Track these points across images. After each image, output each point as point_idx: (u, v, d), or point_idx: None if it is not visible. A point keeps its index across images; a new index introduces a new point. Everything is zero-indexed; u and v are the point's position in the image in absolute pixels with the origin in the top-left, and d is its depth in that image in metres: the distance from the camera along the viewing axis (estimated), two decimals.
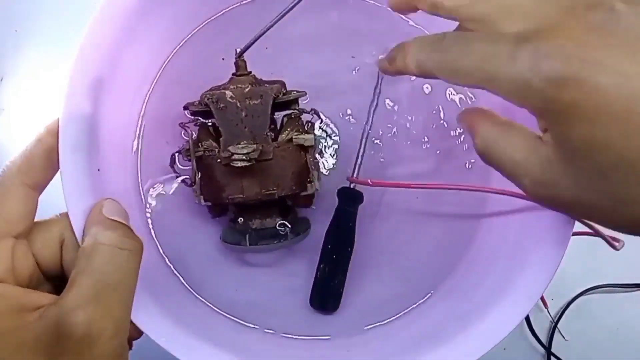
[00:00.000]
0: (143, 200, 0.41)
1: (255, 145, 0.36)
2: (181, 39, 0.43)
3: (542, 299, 0.49)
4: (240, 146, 0.36)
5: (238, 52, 0.37)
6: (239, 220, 0.40)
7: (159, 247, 0.41)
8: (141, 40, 0.38)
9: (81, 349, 0.25)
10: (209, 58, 0.43)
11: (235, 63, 0.37)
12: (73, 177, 0.33)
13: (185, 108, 0.39)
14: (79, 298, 0.26)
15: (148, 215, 0.41)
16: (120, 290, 0.27)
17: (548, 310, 0.50)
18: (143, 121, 0.42)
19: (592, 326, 0.51)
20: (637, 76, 0.21)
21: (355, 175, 0.41)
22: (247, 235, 0.38)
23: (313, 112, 0.41)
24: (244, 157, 0.35)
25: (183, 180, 0.41)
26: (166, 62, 0.43)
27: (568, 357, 0.49)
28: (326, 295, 0.41)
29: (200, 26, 0.43)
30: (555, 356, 0.49)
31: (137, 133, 0.42)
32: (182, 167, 0.41)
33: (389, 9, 0.33)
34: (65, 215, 0.31)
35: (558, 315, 0.50)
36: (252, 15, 0.43)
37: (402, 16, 0.43)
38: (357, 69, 0.44)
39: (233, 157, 0.36)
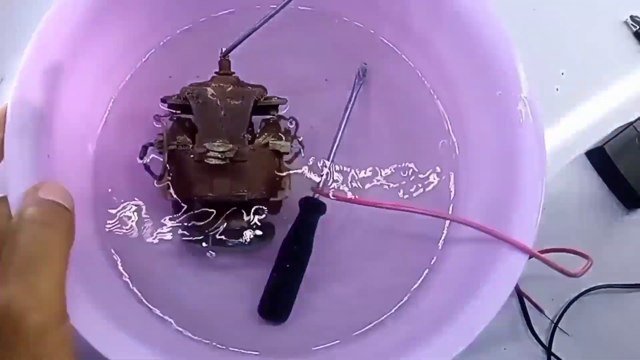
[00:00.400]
0: (97, 193, 0.41)
1: (231, 145, 0.36)
2: (157, 39, 0.44)
3: (536, 305, 0.50)
4: (216, 144, 0.36)
5: (223, 51, 0.38)
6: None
7: (108, 242, 0.40)
8: (111, 33, 0.39)
9: (3, 325, 0.25)
10: (188, 57, 0.44)
11: (219, 62, 0.38)
12: (17, 160, 0.33)
13: (162, 101, 0.39)
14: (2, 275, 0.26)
15: (104, 206, 0.41)
16: (45, 267, 0.27)
17: (544, 313, 0.50)
18: (108, 113, 0.42)
19: (593, 326, 0.51)
20: None
21: (320, 186, 0.41)
22: (211, 235, 0.38)
23: (292, 120, 0.41)
24: (219, 155, 0.36)
25: (151, 173, 0.40)
26: (143, 58, 0.44)
27: (569, 358, 0.50)
28: (274, 303, 0.40)
29: (178, 30, 0.45)
30: (555, 356, 0.49)
31: (100, 123, 0.42)
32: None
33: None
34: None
35: (558, 316, 0.50)
36: (230, 25, 0.45)
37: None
38: (328, 82, 0.45)
39: (208, 154, 0.36)
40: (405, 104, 0.46)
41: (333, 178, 0.43)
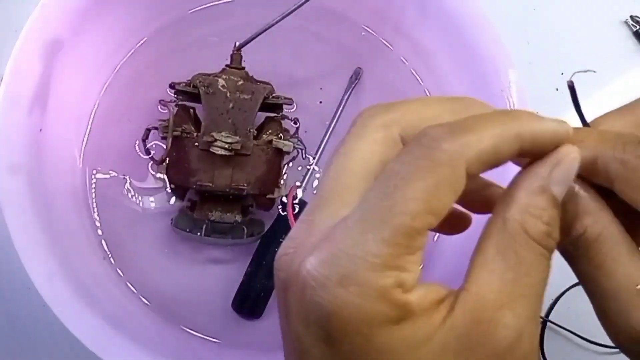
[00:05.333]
0: (87, 172, 0.44)
1: (238, 137, 0.39)
2: (160, 24, 0.46)
3: None
4: (224, 134, 0.39)
5: (237, 45, 0.40)
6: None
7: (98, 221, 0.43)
8: (112, 16, 0.42)
9: (508, 357, 0.22)
10: (188, 45, 0.47)
11: (231, 55, 0.41)
12: (7, 131, 0.35)
13: (171, 86, 0.42)
14: (500, 291, 0.22)
15: (93, 190, 0.44)
16: (544, 291, 0.24)
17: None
18: (104, 93, 0.45)
19: (581, 321, 0.53)
20: None
21: (304, 183, 0.45)
22: (204, 225, 0.41)
23: (295, 120, 0.44)
24: (225, 146, 0.38)
25: (152, 159, 0.43)
26: (142, 41, 0.46)
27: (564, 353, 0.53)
28: (246, 297, 0.44)
29: (182, 14, 0.47)
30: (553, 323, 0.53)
31: (95, 104, 0.45)
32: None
33: None
34: None
35: (546, 311, 0.53)
36: (236, 10, 0.47)
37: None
38: (324, 84, 0.49)
39: (215, 144, 0.39)
40: None
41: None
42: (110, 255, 0.43)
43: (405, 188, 0.21)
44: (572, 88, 0.25)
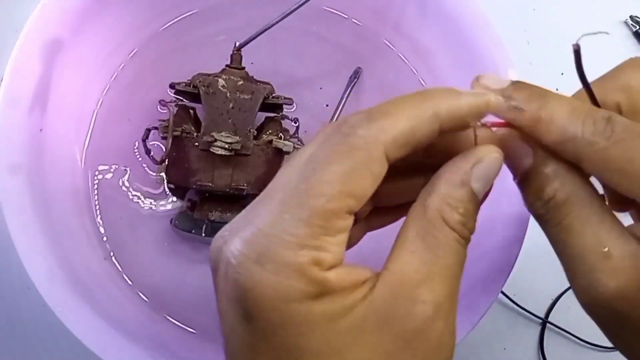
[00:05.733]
0: (87, 172, 0.44)
1: (238, 138, 0.39)
2: (160, 24, 0.47)
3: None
4: (224, 134, 0.39)
5: (237, 45, 0.40)
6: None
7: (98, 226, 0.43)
8: (114, 16, 0.42)
9: (425, 332, 0.22)
10: (188, 45, 0.47)
11: (231, 55, 0.41)
12: (8, 131, 0.35)
13: (171, 86, 0.42)
14: (418, 269, 0.23)
15: (93, 191, 0.44)
16: (460, 274, 0.24)
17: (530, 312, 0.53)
18: (107, 93, 0.45)
19: (580, 321, 0.53)
20: None
21: None
22: (204, 225, 0.42)
23: (295, 120, 0.44)
24: (225, 146, 0.39)
25: (152, 158, 0.43)
26: (142, 41, 0.46)
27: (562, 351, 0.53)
28: None
29: (183, 14, 0.47)
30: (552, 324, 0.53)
31: (96, 104, 0.45)
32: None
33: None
34: None
35: (546, 311, 0.53)
36: (236, 10, 0.48)
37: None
38: (323, 84, 0.49)
39: (215, 144, 0.39)
40: None
41: None
42: (110, 255, 0.43)
43: (322, 172, 0.22)
44: (577, 52, 0.24)
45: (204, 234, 0.42)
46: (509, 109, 0.25)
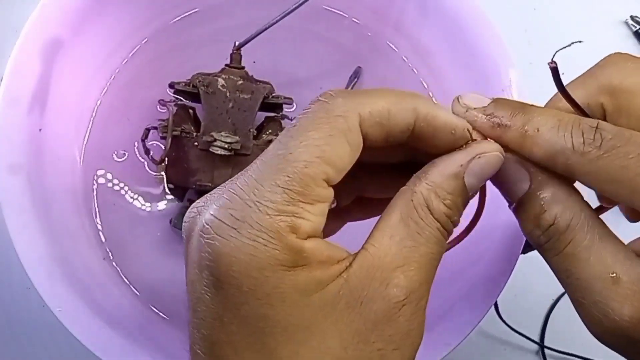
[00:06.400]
0: (87, 171, 0.44)
1: (237, 137, 0.39)
2: (160, 24, 0.47)
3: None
4: (223, 134, 0.39)
5: (237, 45, 0.40)
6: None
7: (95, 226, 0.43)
8: (113, 16, 0.42)
9: (394, 315, 0.22)
10: (188, 45, 0.47)
11: (231, 55, 0.41)
12: (7, 130, 0.36)
13: (170, 86, 0.42)
14: (396, 254, 0.23)
15: (93, 190, 0.44)
16: (437, 265, 0.24)
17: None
18: (106, 92, 0.45)
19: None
20: None
21: None
22: None
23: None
24: (225, 146, 0.39)
25: (151, 158, 0.43)
26: (142, 41, 0.46)
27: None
28: None
29: (182, 14, 0.47)
30: (549, 348, 0.53)
31: (96, 102, 0.45)
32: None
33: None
34: None
35: (547, 311, 0.53)
36: (236, 10, 0.48)
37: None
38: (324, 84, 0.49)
39: (214, 143, 0.39)
40: None
41: None
42: (110, 256, 0.43)
43: (300, 137, 0.22)
44: (554, 69, 0.25)
45: None
46: (494, 127, 0.25)
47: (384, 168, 0.28)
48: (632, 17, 0.60)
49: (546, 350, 0.53)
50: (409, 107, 0.24)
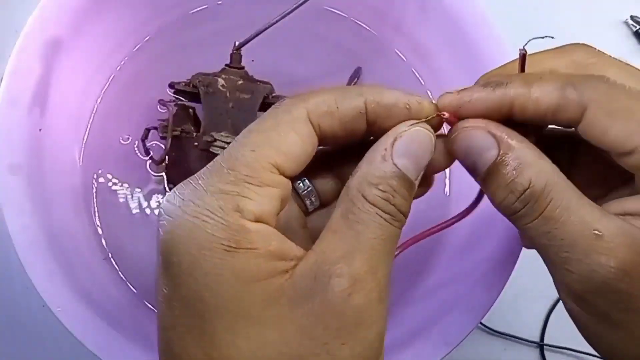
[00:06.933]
0: (87, 171, 0.44)
1: None
2: (160, 24, 0.47)
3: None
4: (223, 134, 0.39)
5: (237, 45, 0.40)
6: None
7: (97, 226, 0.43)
8: (113, 16, 0.42)
9: (339, 307, 0.22)
10: (188, 45, 0.47)
11: (231, 55, 0.41)
12: (7, 131, 0.36)
13: (170, 86, 0.42)
14: (338, 247, 0.23)
15: (93, 191, 0.44)
16: (387, 251, 0.24)
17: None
18: (106, 92, 0.45)
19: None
20: None
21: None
22: None
23: None
24: (225, 146, 0.39)
25: (151, 158, 0.43)
26: (141, 41, 0.47)
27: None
28: None
29: (182, 14, 0.48)
30: (549, 346, 0.53)
31: (96, 102, 0.45)
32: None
33: None
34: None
35: (548, 311, 0.54)
36: (236, 10, 0.48)
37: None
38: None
39: (214, 143, 0.39)
40: None
41: None
42: (110, 256, 0.43)
43: (249, 131, 0.24)
44: (523, 57, 0.26)
45: None
46: (494, 89, 0.25)
47: None
48: (632, 17, 0.60)
49: (546, 351, 0.53)
50: (354, 93, 0.25)
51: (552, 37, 0.27)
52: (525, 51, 0.26)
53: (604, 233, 0.22)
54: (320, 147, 0.26)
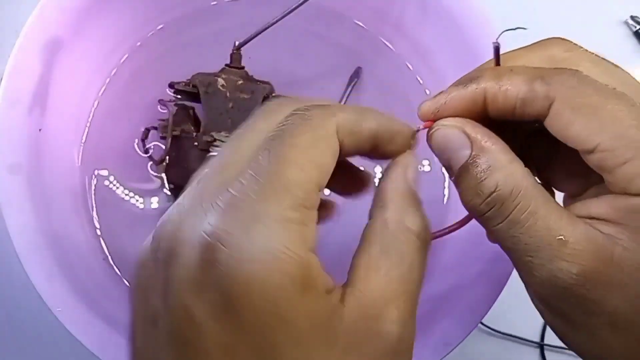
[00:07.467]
0: (87, 172, 0.44)
1: None
2: (160, 24, 0.47)
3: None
4: (223, 134, 0.39)
5: (237, 44, 0.40)
6: None
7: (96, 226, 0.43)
8: (113, 15, 0.42)
9: (391, 351, 0.21)
10: (188, 44, 0.47)
11: (231, 55, 0.41)
12: (7, 130, 0.36)
13: (170, 86, 0.42)
14: (386, 288, 0.22)
15: (92, 190, 0.44)
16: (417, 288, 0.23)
17: None
18: (106, 92, 0.45)
19: None
20: None
21: None
22: None
23: None
24: None
25: (151, 158, 0.43)
26: (141, 40, 0.47)
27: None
28: None
29: (182, 14, 0.47)
30: (549, 346, 0.53)
31: (96, 102, 0.45)
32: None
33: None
34: None
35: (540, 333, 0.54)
36: (236, 10, 0.48)
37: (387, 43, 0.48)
38: (324, 84, 0.49)
39: (214, 144, 0.39)
40: (402, 102, 0.49)
41: None
42: (109, 256, 0.43)
43: (286, 144, 0.21)
44: (497, 49, 0.26)
45: None
46: (468, 84, 0.25)
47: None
48: (632, 17, 0.60)
49: (546, 351, 0.53)
50: (370, 116, 0.24)
51: (525, 29, 0.27)
52: (499, 44, 0.26)
53: (569, 239, 0.22)
54: None
